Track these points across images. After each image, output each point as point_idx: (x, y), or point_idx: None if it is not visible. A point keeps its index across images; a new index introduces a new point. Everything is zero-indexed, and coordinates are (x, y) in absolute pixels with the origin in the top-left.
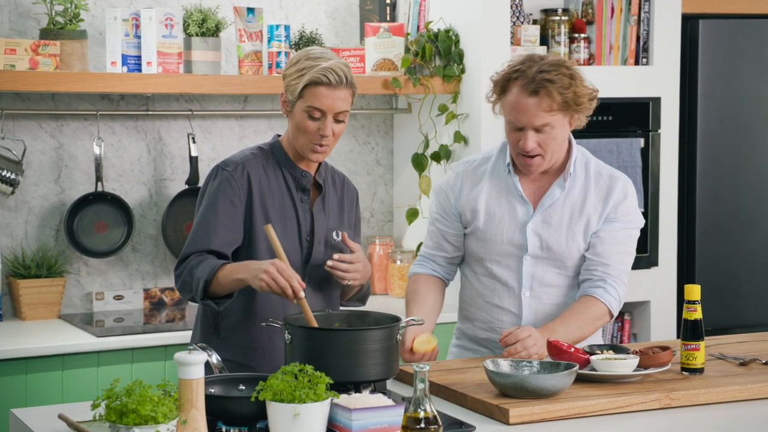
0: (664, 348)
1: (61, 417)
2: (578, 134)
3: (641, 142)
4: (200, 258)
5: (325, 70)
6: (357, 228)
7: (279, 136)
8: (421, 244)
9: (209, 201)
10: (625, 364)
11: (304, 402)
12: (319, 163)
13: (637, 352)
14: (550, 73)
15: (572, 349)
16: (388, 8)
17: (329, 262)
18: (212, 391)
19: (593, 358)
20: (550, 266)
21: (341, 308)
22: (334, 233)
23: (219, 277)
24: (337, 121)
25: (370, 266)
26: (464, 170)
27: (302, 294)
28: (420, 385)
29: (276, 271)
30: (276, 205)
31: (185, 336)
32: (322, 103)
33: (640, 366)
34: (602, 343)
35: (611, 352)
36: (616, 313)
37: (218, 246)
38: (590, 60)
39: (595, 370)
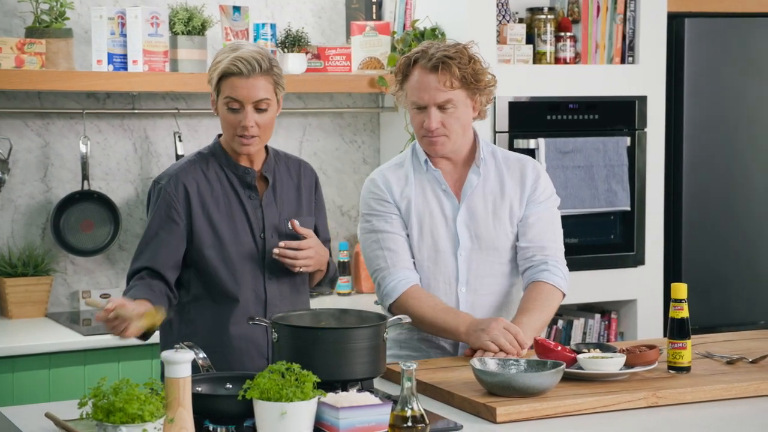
0: (651, 346)
1: (48, 415)
2: (565, 133)
3: (627, 140)
4: (132, 284)
5: (235, 59)
6: (321, 211)
7: (220, 135)
8: None
9: (150, 218)
10: (612, 363)
11: (291, 400)
12: (267, 155)
13: (624, 351)
14: (449, 51)
15: (559, 348)
16: (374, 7)
17: (275, 250)
18: (199, 389)
19: (580, 356)
20: (484, 256)
21: (311, 292)
22: (289, 223)
23: None
24: (258, 110)
25: (327, 250)
26: (383, 175)
27: (109, 307)
28: (407, 384)
29: (107, 324)
30: (221, 207)
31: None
32: (237, 93)
33: (627, 364)
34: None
35: (598, 350)
36: (566, 291)
37: (155, 265)
38: (576, 59)
39: (582, 369)
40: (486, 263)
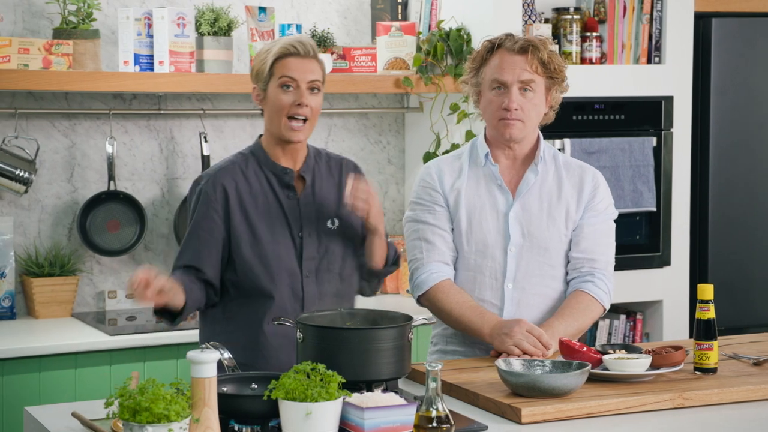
0: (677, 347)
1: (74, 415)
2: (591, 133)
3: (653, 141)
4: (174, 274)
5: (291, 40)
6: None
7: (261, 136)
8: None
9: (191, 218)
10: (638, 364)
11: (317, 401)
12: (306, 157)
13: (649, 352)
14: (534, 39)
15: (584, 349)
16: (399, 7)
17: (349, 183)
18: (225, 389)
19: (606, 357)
20: (534, 255)
21: (378, 284)
22: (329, 222)
23: None
24: (311, 90)
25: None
26: (438, 165)
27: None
28: (432, 384)
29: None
30: (259, 207)
31: (197, 335)
32: (293, 72)
33: (653, 366)
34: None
35: (624, 351)
36: (607, 306)
37: (197, 263)
38: (602, 59)
39: (608, 370)
40: (535, 262)
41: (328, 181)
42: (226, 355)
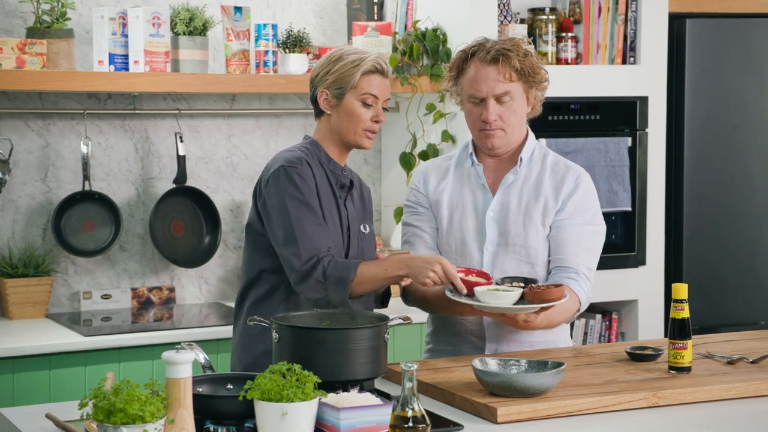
0: (558, 286)
1: (48, 416)
2: (567, 133)
3: (629, 141)
4: (329, 259)
5: (377, 58)
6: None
7: (308, 137)
8: None
9: (297, 203)
10: (508, 297)
11: (292, 401)
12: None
13: (533, 288)
14: (507, 44)
15: (471, 276)
16: (375, 7)
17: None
18: (200, 390)
19: (477, 289)
20: (510, 254)
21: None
22: (362, 226)
23: (360, 276)
24: (384, 108)
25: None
26: (428, 166)
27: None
28: (408, 384)
29: (442, 270)
30: (326, 200)
31: (173, 335)
32: (377, 90)
33: (529, 301)
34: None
35: (522, 284)
36: (584, 305)
37: (331, 243)
38: (578, 59)
39: (480, 302)
40: (512, 261)
41: (357, 191)
42: (201, 355)
